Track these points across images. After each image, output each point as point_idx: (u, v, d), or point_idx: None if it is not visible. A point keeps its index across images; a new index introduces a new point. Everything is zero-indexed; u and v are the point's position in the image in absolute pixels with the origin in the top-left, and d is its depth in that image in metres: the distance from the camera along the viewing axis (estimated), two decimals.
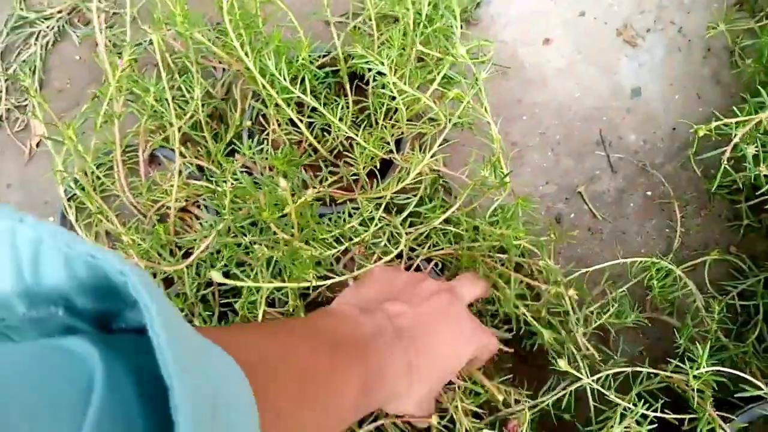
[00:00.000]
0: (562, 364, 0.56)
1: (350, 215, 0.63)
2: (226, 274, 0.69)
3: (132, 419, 0.23)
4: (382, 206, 0.65)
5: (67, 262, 0.24)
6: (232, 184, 0.62)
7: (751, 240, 0.79)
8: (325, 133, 0.72)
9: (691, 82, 0.84)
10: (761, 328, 0.73)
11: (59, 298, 0.25)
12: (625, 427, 0.59)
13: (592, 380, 0.60)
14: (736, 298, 0.75)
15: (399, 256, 0.64)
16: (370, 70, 0.65)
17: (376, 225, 0.61)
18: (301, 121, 0.68)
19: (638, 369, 0.67)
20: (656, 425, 0.59)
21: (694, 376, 0.58)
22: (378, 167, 0.69)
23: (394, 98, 0.64)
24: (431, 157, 0.63)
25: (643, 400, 0.60)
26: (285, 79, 0.63)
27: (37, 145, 0.90)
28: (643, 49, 0.85)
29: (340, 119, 0.66)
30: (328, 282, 0.60)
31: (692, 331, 0.69)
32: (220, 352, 0.30)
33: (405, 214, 0.67)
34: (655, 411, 0.59)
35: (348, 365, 0.45)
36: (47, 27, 0.93)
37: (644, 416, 0.60)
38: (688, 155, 0.64)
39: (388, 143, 0.66)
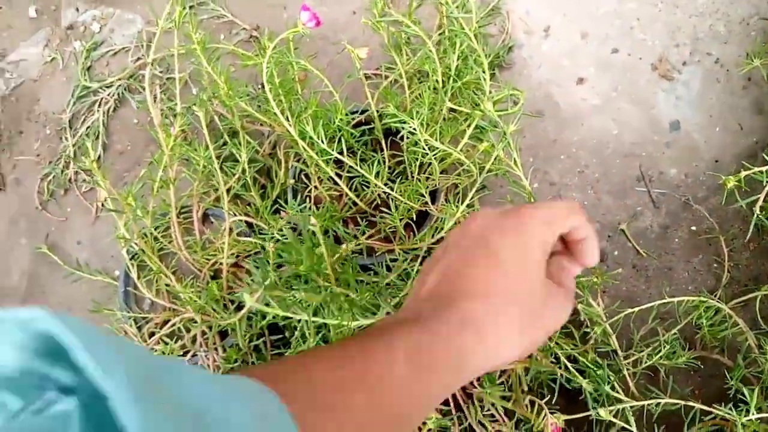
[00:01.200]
0: (603, 414, 0.56)
1: (389, 269, 0.66)
2: (275, 326, 0.73)
3: None
4: (420, 258, 0.67)
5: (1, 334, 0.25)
6: (276, 242, 0.65)
7: None
8: (364, 186, 0.75)
9: (732, 113, 0.82)
10: None
11: (40, 379, 0.26)
12: None
13: None
14: None
15: None
16: (403, 127, 0.68)
17: (413, 279, 0.63)
18: (340, 177, 0.71)
19: (690, 404, 0.66)
20: None
21: (743, 424, 0.57)
22: (414, 219, 0.71)
23: (426, 154, 0.67)
24: (466, 207, 0.65)
25: None
26: (323, 142, 0.67)
27: (102, 205, 0.97)
28: (680, 82, 0.85)
29: (377, 174, 0.69)
30: (369, 321, 0.63)
31: (744, 372, 0.68)
32: (208, 376, 0.31)
33: None
34: None
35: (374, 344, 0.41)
36: (108, 95, 1.00)
37: None
38: (731, 189, 0.64)
39: (423, 195, 0.69)
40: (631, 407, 0.65)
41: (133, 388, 0.23)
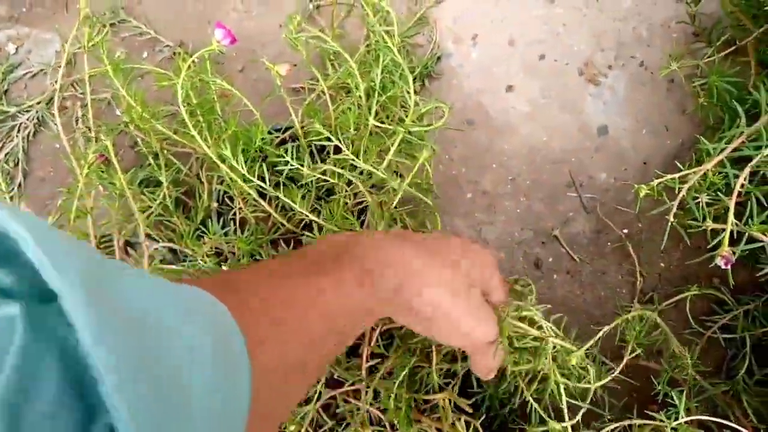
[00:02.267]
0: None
1: None
2: None
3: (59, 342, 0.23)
4: None
5: None
6: (197, 269, 0.63)
7: (733, 270, 0.78)
8: (292, 206, 0.73)
9: (658, 115, 0.83)
10: (750, 361, 0.72)
11: None
12: None
13: None
14: (718, 333, 0.74)
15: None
16: (329, 140, 0.67)
17: None
18: (264, 197, 0.69)
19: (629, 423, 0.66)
20: None
21: (673, 428, 0.57)
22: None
23: (352, 169, 0.65)
24: (389, 226, 0.64)
25: None
26: (242, 167, 0.64)
27: None
28: (606, 87, 0.85)
29: (303, 197, 0.68)
30: None
31: (669, 376, 0.68)
32: (150, 276, 0.31)
33: None
34: None
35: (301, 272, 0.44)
36: (27, 119, 0.96)
37: None
38: (648, 195, 0.64)
39: (353, 214, 0.67)
40: None
41: (85, 289, 0.23)
